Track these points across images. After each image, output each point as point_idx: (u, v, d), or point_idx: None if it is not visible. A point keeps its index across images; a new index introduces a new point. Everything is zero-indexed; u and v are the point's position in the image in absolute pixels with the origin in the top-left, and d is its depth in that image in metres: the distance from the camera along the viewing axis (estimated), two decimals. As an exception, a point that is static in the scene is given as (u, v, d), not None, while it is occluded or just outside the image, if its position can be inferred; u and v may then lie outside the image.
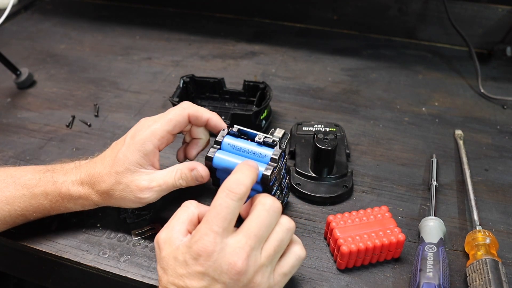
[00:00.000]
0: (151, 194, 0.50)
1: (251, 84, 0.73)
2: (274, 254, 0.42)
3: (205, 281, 0.40)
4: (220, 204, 0.41)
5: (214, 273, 0.40)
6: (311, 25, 1.03)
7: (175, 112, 0.52)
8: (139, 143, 0.50)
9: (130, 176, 0.50)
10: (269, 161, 0.50)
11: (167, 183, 0.50)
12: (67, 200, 0.52)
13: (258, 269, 0.41)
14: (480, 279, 0.47)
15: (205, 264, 0.40)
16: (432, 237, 0.52)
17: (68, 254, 0.53)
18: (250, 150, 0.51)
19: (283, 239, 0.43)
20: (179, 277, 0.41)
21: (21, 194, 0.51)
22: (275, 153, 0.50)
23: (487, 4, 0.90)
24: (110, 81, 0.86)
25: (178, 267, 0.41)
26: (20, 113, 0.77)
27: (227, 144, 0.52)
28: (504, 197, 0.62)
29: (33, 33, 1.02)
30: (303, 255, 0.45)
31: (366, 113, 0.77)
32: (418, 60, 0.92)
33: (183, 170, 0.51)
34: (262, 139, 0.51)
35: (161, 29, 1.03)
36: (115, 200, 0.51)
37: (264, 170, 0.49)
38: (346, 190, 0.60)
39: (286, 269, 0.44)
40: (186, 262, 0.41)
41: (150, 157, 0.51)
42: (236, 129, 0.52)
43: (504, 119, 0.76)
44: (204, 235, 0.40)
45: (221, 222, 0.40)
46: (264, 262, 0.41)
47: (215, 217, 0.40)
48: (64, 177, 0.52)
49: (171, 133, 0.52)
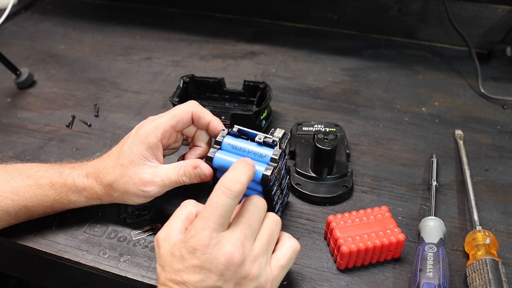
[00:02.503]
0: (154, 188, 0.51)
1: (251, 84, 0.73)
2: (267, 244, 0.44)
3: (201, 274, 0.40)
4: (217, 201, 0.41)
5: (210, 265, 0.40)
6: (311, 25, 1.03)
7: (180, 109, 0.54)
8: (143, 135, 0.51)
9: (134, 169, 0.51)
10: (269, 161, 0.50)
11: (170, 179, 0.51)
12: (72, 191, 0.52)
13: (254, 259, 0.42)
14: (480, 279, 0.47)
15: (201, 257, 0.40)
16: (432, 237, 0.52)
17: (68, 254, 0.53)
18: (250, 150, 0.51)
19: (273, 229, 0.45)
20: (176, 272, 0.41)
21: (27, 184, 0.52)
22: (275, 153, 0.50)
23: (487, 4, 0.90)
24: (110, 81, 0.86)
25: (175, 263, 0.42)
26: (20, 113, 0.77)
27: (227, 144, 0.52)
28: (504, 197, 0.62)
29: (33, 33, 1.02)
30: (298, 247, 0.47)
31: (366, 113, 0.77)
32: (418, 60, 0.92)
33: (187, 167, 0.51)
34: (262, 139, 0.51)
35: (161, 29, 1.03)
36: (119, 194, 0.51)
37: (264, 170, 0.49)
38: (346, 190, 0.60)
39: (283, 262, 0.45)
40: (183, 257, 0.41)
41: (153, 150, 0.52)
42: (236, 129, 0.52)
43: (504, 119, 0.76)
44: (200, 230, 0.41)
45: (217, 219, 0.41)
46: (259, 252, 0.43)
47: (211, 214, 0.41)
48: (71, 170, 0.53)
49: (175, 129, 0.53)
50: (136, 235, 0.55)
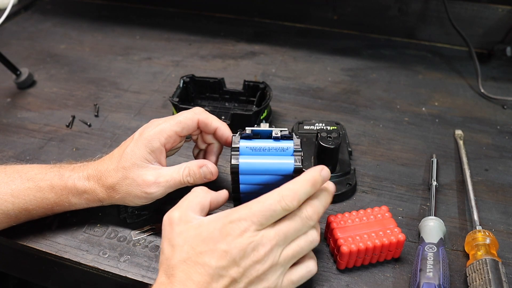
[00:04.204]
0: (158, 189, 0.51)
1: (251, 84, 0.73)
2: (292, 258, 0.44)
3: (225, 260, 0.40)
4: (270, 204, 0.42)
5: (237, 254, 0.40)
6: (311, 25, 1.03)
7: (186, 116, 0.53)
8: (147, 139, 0.51)
9: (137, 171, 0.51)
10: (293, 152, 0.50)
11: (175, 179, 0.51)
12: (72, 194, 0.52)
13: (273, 265, 0.42)
14: (480, 279, 0.47)
15: (231, 243, 0.41)
16: (432, 237, 0.52)
17: (68, 254, 0.53)
18: (270, 147, 0.51)
19: (304, 248, 0.44)
20: (198, 254, 0.41)
21: (27, 187, 0.52)
22: (296, 143, 0.50)
23: (487, 4, 0.90)
24: (110, 81, 0.86)
25: (200, 244, 0.41)
26: (20, 113, 0.77)
27: (245, 148, 0.51)
28: (504, 197, 0.62)
29: (33, 33, 1.02)
30: (314, 271, 0.46)
31: (366, 113, 0.77)
32: (418, 60, 0.92)
33: (192, 167, 0.52)
34: (279, 134, 0.51)
35: (161, 29, 1.03)
36: (121, 196, 0.51)
37: (295, 163, 0.49)
38: (350, 188, 0.60)
39: (295, 278, 0.45)
40: (213, 238, 0.41)
41: (156, 154, 0.52)
42: (249, 130, 0.52)
43: (504, 119, 0.76)
44: (243, 219, 0.41)
45: (262, 218, 0.42)
46: (280, 262, 0.43)
47: (259, 211, 0.42)
48: (71, 173, 0.53)
49: (179, 134, 0.53)
50: (136, 235, 0.55)
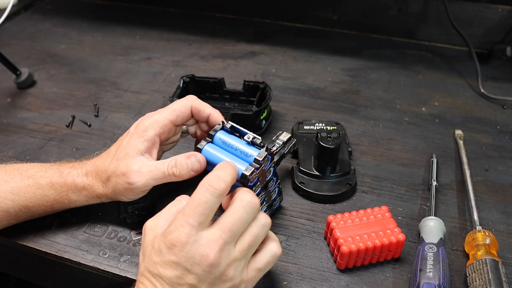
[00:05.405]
0: (140, 178, 0.50)
1: (251, 84, 0.73)
2: (248, 248, 0.43)
3: (178, 270, 0.40)
4: (199, 198, 0.41)
5: (186, 263, 0.40)
6: (311, 25, 1.03)
7: (179, 104, 0.54)
8: (142, 129, 0.52)
9: (126, 161, 0.50)
10: (253, 161, 0.50)
11: (158, 169, 0.50)
12: (72, 191, 0.52)
13: (231, 262, 0.41)
14: (480, 279, 0.47)
15: (178, 254, 0.40)
16: (432, 237, 0.52)
17: (68, 254, 0.53)
18: (238, 148, 0.51)
19: (258, 234, 0.44)
20: (154, 264, 0.41)
21: (27, 184, 0.52)
22: (259, 154, 0.50)
23: (487, 4, 0.90)
24: (110, 81, 0.86)
25: (154, 255, 0.42)
26: (20, 113, 0.77)
27: (218, 139, 0.53)
28: (504, 197, 0.62)
29: (33, 33, 1.02)
30: (279, 252, 0.46)
31: (366, 113, 0.77)
32: (418, 60, 0.92)
33: (179, 158, 0.51)
34: (250, 139, 0.51)
35: (161, 29, 1.03)
36: (112, 189, 0.51)
37: (244, 170, 0.48)
38: (350, 188, 0.60)
39: (260, 265, 0.44)
40: (161, 251, 0.41)
41: (150, 144, 0.52)
42: (229, 125, 0.53)
43: (504, 119, 0.76)
44: (180, 226, 0.41)
45: (198, 216, 0.41)
46: (238, 256, 0.42)
47: (193, 210, 0.41)
48: (70, 170, 0.53)
49: (174, 123, 0.53)
50: (136, 235, 0.55)
